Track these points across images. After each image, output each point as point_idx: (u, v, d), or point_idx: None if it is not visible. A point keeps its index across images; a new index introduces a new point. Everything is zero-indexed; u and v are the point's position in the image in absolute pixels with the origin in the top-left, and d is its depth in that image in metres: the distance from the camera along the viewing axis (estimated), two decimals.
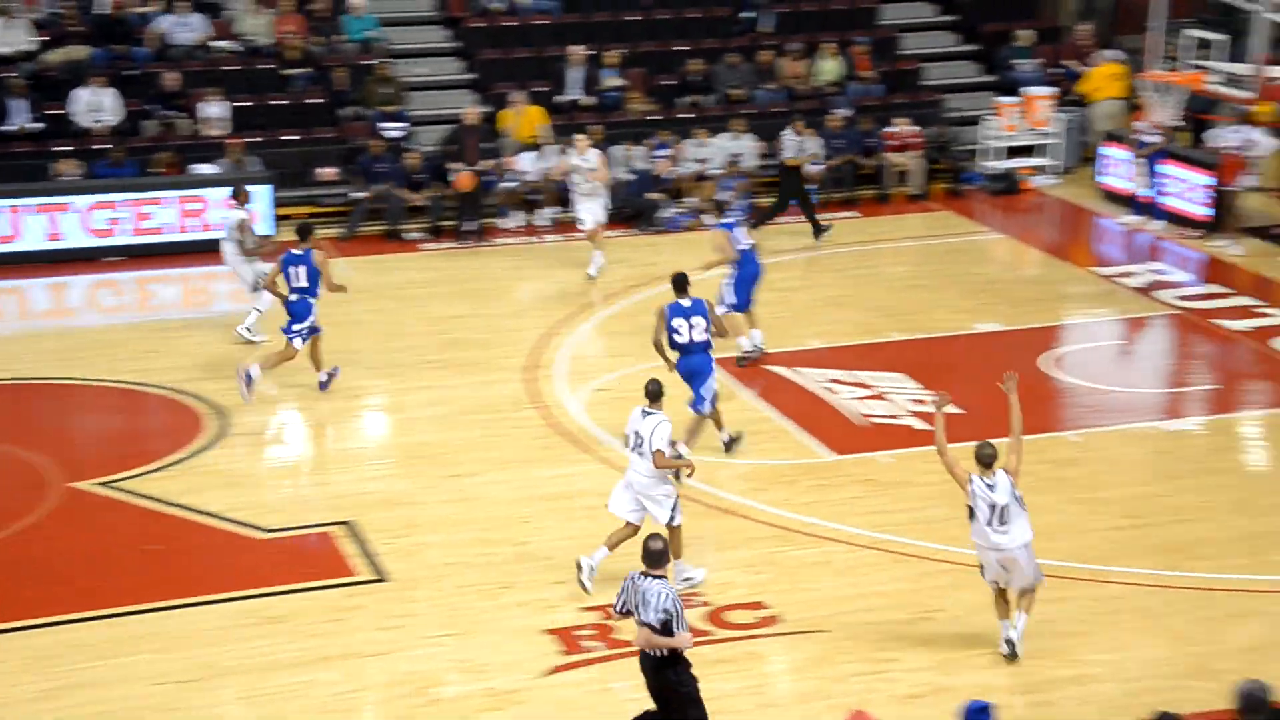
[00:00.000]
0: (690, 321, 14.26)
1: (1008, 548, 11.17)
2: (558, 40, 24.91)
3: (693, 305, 14.31)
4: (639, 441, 12.20)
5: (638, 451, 12.23)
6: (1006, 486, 11.11)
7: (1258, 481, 14.47)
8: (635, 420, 12.30)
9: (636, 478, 12.30)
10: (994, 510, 11.11)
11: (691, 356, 14.36)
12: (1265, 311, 18.55)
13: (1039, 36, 26.10)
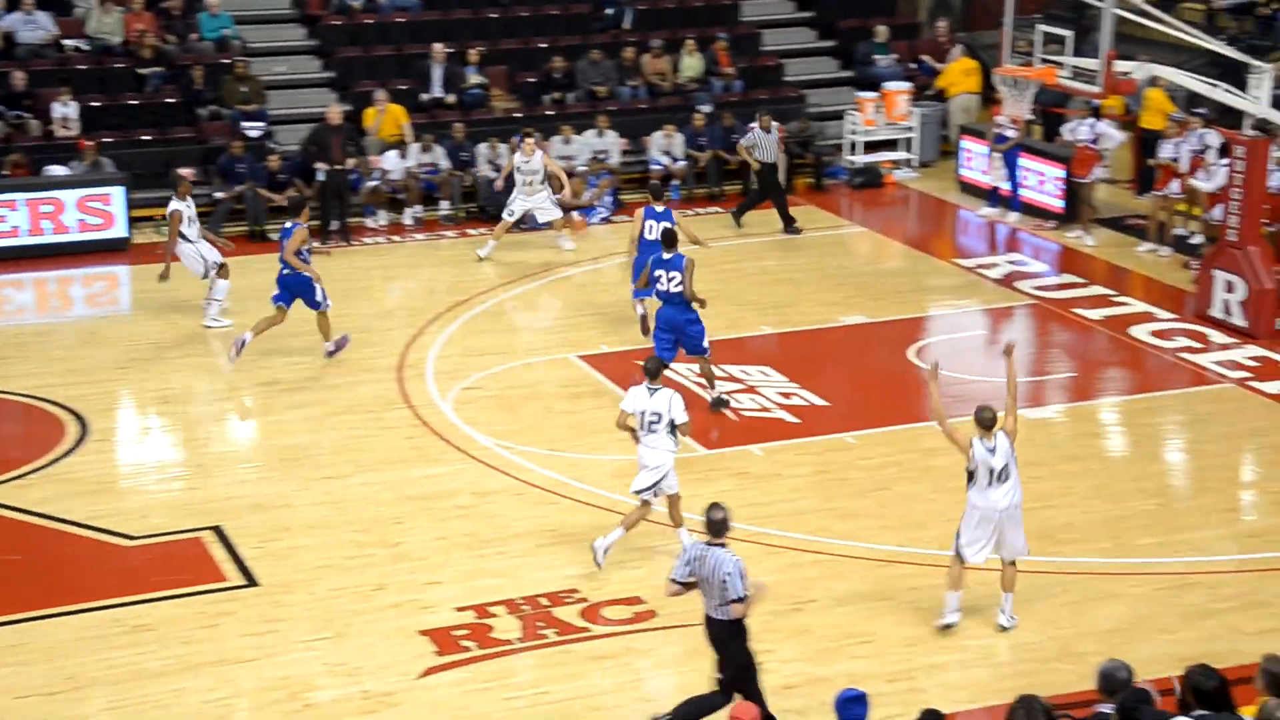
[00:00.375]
0: (669, 273, 15.37)
1: (1005, 507, 11.59)
2: (418, 38, 24.74)
3: (673, 259, 15.48)
4: (655, 417, 12.49)
5: (651, 429, 12.51)
6: (1006, 448, 11.55)
7: (1117, 467, 14.82)
8: (641, 399, 12.58)
9: (652, 454, 12.57)
10: (993, 473, 11.51)
11: (668, 306, 15.46)
12: (1119, 301, 19.01)
13: (895, 33, 26.50)
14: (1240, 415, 15.78)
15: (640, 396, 12.61)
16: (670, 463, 12.65)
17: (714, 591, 10.18)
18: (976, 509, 11.65)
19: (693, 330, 15.48)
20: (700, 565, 10.20)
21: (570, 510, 13.80)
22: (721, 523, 10.30)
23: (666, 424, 12.49)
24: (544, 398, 16.39)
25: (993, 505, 11.58)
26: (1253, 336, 17.55)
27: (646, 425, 12.57)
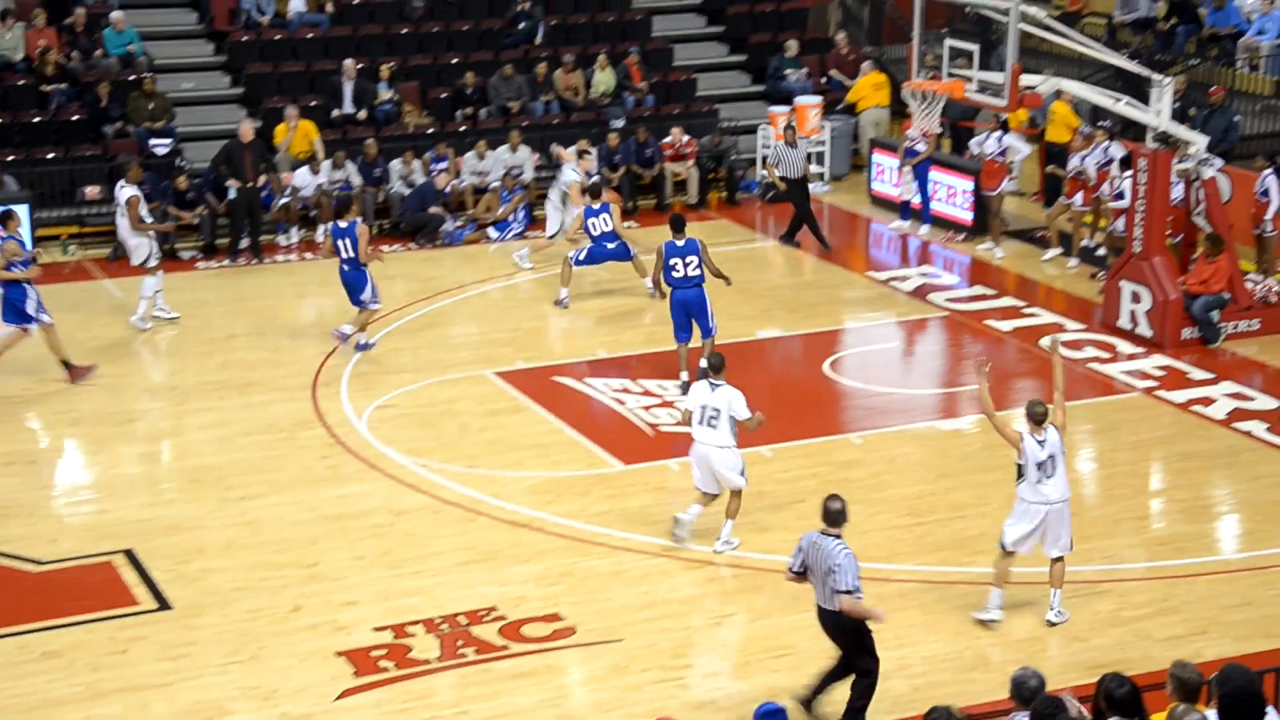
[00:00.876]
0: (685, 259, 16.16)
1: (1055, 500, 11.81)
2: (328, 54, 24.59)
3: (686, 244, 16.22)
4: (715, 414, 12.82)
5: (710, 424, 12.85)
6: (1056, 440, 11.79)
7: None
8: (704, 394, 12.94)
9: (708, 450, 12.90)
10: (1041, 467, 11.74)
11: (687, 290, 16.22)
12: (1029, 312, 19.24)
13: (806, 47, 26.70)
14: (1148, 424, 16.01)
15: (702, 391, 13.00)
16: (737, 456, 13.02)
17: (821, 581, 10.41)
18: (1026, 503, 11.93)
19: (703, 311, 16.36)
20: (812, 554, 10.45)
21: (488, 528, 13.74)
22: (839, 513, 10.53)
23: (727, 419, 12.82)
24: (461, 414, 16.32)
25: (1044, 498, 11.85)
26: (1159, 346, 17.82)
27: (706, 420, 12.92)
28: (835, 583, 10.32)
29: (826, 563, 10.34)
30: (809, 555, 10.51)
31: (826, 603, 10.48)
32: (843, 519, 10.56)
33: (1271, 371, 17.21)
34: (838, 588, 10.33)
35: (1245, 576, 12.83)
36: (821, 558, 10.39)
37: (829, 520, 10.55)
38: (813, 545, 10.50)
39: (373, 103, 23.86)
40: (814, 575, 10.49)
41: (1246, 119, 22.74)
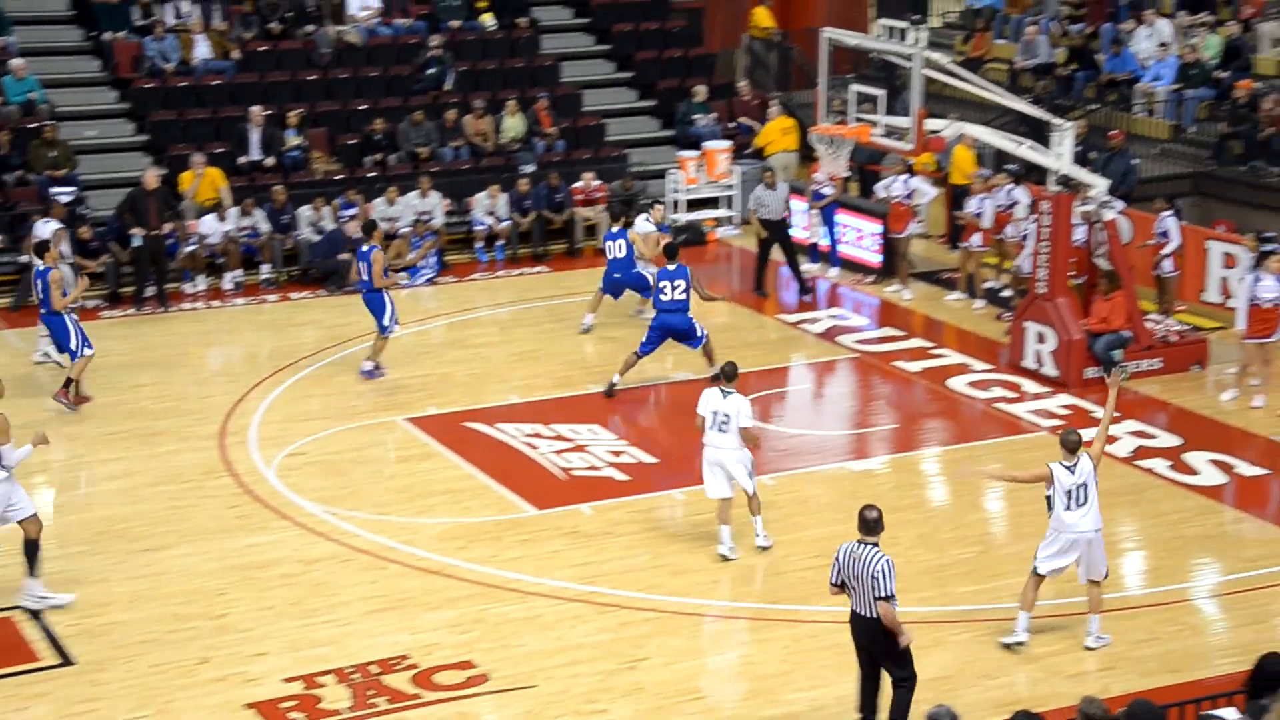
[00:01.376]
0: (674, 283, 17.56)
1: (1087, 530, 12.00)
2: (234, 101, 24.45)
3: (677, 269, 17.64)
4: (725, 419, 13.55)
5: (721, 429, 13.57)
6: (1088, 469, 12.01)
7: (939, 516, 15.10)
8: (715, 401, 13.66)
9: (720, 454, 13.63)
10: (1070, 495, 11.95)
11: (672, 314, 17.59)
12: (937, 353, 19.45)
13: (714, 92, 26.92)
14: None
15: (714, 398, 13.66)
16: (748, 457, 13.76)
17: (863, 589, 10.61)
18: (1058, 532, 12.13)
19: (694, 333, 17.78)
20: (850, 564, 10.66)
21: (399, 575, 13.63)
22: (875, 521, 10.76)
23: (735, 426, 13.59)
24: (372, 461, 16.20)
25: (1073, 527, 12.02)
26: (1064, 385, 18.07)
27: (717, 425, 13.62)
28: (877, 589, 10.56)
29: (869, 570, 10.59)
30: (845, 566, 10.75)
31: (866, 610, 10.68)
32: (879, 527, 10.79)
33: (1173, 410, 17.50)
34: (878, 594, 10.56)
35: (1150, 612, 13.00)
36: (861, 567, 10.63)
37: (865, 529, 10.78)
38: (849, 555, 10.74)
39: (281, 149, 23.74)
40: (854, 584, 10.71)
41: (1145, 162, 23.20)
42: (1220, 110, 23.82)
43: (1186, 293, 20.38)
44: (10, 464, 12.91)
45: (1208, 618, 13.05)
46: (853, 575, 10.72)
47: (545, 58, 27.06)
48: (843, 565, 10.79)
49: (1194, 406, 17.57)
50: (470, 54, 26.52)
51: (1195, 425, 17.04)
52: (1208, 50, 24.90)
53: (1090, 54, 26.13)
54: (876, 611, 10.61)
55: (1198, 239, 20.41)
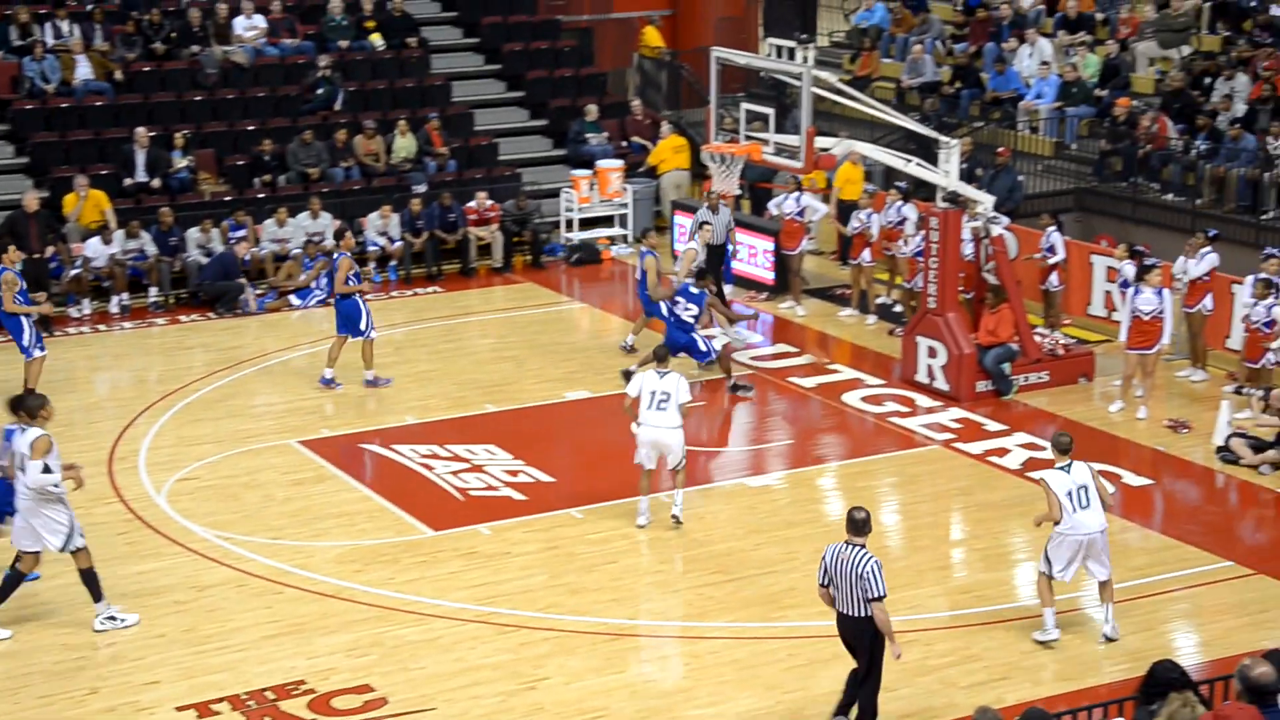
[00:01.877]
0: (687, 304, 18.18)
1: (1094, 529, 12.20)
2: (118, 122, 24.06)
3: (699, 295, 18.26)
4: (665, 397, 14.42)
5: (660, 408, 14.42)
6: (1084, 470, 12.28)
7: (836, 530, 15.08)
8: (652, 381, 14.51)
9: (658, 432, 14.48)
10: (1072, 496, 12.17)
11: (678, 331, 18.17)
12: (831, 369, 19.62)
13: (605, 111, 26.98)
14: (947, 475, 16.41)
15: (651, 379, 14.52)
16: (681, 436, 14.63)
17: (850, 589, 10.79)
18: (1062, 535, 12.31)
19: (697, 348, 18.19)
20: (836, 564, 10.84)
21: (295, 599, 13.47)
22: (864, 522, 10.93)
23: (675, 403, 14.41)
24: (265, 485, 16.00)
25: (1083, 526, 12.24)
26: (955, 400, 18.30)
27: (655, 404, 14.42)
28: (867, 591, 10.69)
29: (857, 569, 10.76)
30: (833, 566, 10.90)
31: (854, 610, 10.83)
32: (868, 528, 10.96)
33: (1061, 422, 17.77)
34: (869, 595, 10.70)
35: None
36: (849, 567, 10.78)
37: (854, 529, 10.93)
38: (836, 556, 10.89)
39: (167, 171, 23.41)
40: (840, 584, 10.86)
41: (1030, 179, 23.62)
42: (1101, 128, 24.32)
43: (1072, 306, 20.76)
44: (30, 484, 12.57)
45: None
46: (840, 575, 10.85)
47: (436, 77, 26.96)
48: (830, 566, 10.92)
49: (1081, 418, 17.87)
50: (359, 74, 26.36)
51: (1083, 437, 17.28)
52: (1087, 69, 25.42)
53: (975, 73, 26.56)
54: (867, 611, 10.79)
55: (1082, 254, 20.80)
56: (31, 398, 13.11)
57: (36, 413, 12.75)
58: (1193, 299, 18.81)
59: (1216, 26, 25.92)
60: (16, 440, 12.70)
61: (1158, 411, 17.87)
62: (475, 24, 28.54)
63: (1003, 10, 27.71)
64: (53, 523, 12.71)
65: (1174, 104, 23.50)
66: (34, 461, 12.50)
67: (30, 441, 12.55)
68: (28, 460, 12.55)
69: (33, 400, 12.98)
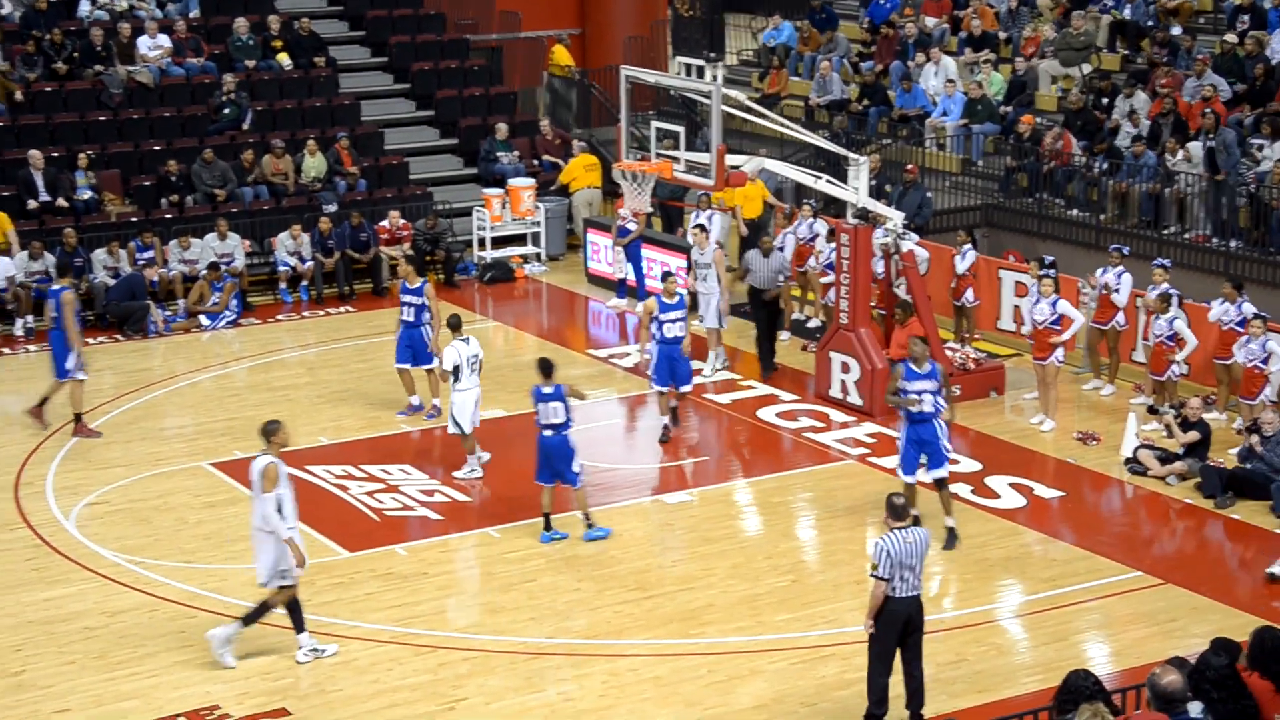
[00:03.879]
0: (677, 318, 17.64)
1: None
2: (20, 143, 23.70)
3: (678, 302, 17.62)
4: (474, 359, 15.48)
5: (472, 369, 15.54)
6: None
7: (753, 546, 15.25)
8: (462, 348, 15.55)
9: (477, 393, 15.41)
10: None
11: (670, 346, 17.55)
12: (746, 385, 19.69)
13: (516, 130, 26.97)
14: (862, 489, 16.51)
15: (461, 348, 15.77)
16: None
17: (916, 568, 11.26)
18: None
19: (684, 368, 17.69)
20: (906, 551, 11.17)
21: (208, 623, 13.26)
22: (903, 507, 11.43)
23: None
24: (177, 508, 15.79)
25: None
26: (869, 414, 18.44)
27: (472, 368, 15.69)
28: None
29: (921, 548, 11.31)
30: (902, 553, 11.19)
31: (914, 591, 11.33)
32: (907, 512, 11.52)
33: (973, 435, 17.97)
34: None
35: (957, 634, 13.30)
36: (917, 549, 11.26)
37: (896, 515, 11.34)
38: (903, 542, 11.16)
39: (70, 192, 23.06)
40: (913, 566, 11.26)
41: (938, 195, 23.89)
42: (1006, 145, 24.66)
43: (981, 320, 21.01)
44: (266, 522, 12.44)
45: (1013, 638, 13.41)
46: (911, 557, 11.25)
47: (344, 97, 26.81)
48: (896, 555, 11.19)
49: (993, 431, 18.08)
50: (267, 94, 26.15)
51: (995, 450, 17.54)
52: (992, 87, 25.77)
53: (882, 90, 26.85)
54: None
55: (990, 269, 21.06)
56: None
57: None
58: (1104, 315, 19.04)
59: (1116, 45, 26.40)
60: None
61: (1067, 424, 18.12)
62: (383, 43, 28.44)
63: (908, 29, 28.05)
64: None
65: (1076, 121, 23.88)
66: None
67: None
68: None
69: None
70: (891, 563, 11.19)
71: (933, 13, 28.81)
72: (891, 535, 11.25)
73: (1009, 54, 27.20)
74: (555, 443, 14.90)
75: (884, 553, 11.19)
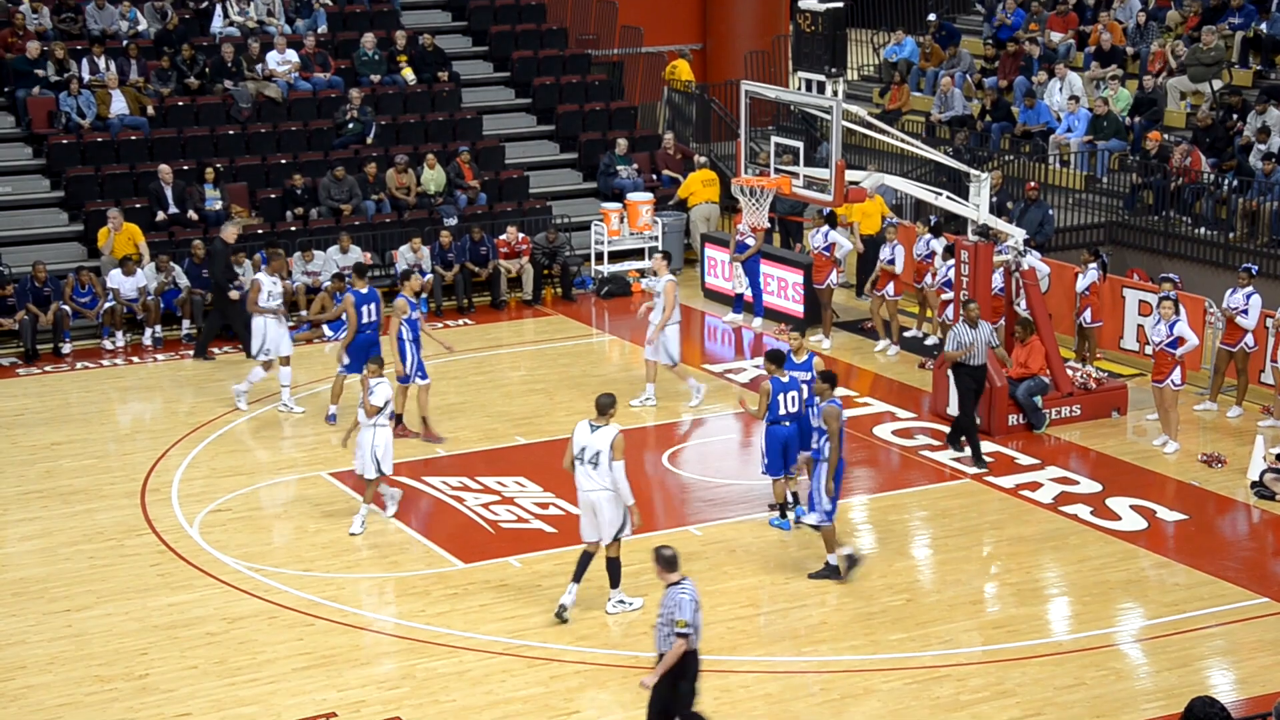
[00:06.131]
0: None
1: None
2: (152, 156, 24.28)
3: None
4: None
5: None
6: None
7: (867, 564, 15.12)
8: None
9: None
10: None
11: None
12: (862, 401, 19.57)
13: (635, 144, 27.07)
14: (978, 509, 16.33)
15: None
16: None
17: None
18: None
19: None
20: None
21: (326, 631, 13.47)
22: (673, 558, 10.77)
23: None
24: (296, 517, 16.04)
25: None
26: (987, 433, 18.23)
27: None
28: None
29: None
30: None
31: None
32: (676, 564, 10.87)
33: (1094, 456, 17.69)
34: None
35: (1076, 657, 13.09)
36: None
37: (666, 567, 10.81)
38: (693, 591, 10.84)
39: (198, 204, 23.56)
40: None
41: (1060, 212, 23.57)
42: (1132, 161, 24.26)
43: (1104, 340, 20.67)
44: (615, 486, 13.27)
45: (1133, 663, 13.17)
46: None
47: (467, 111, 27.10)
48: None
49: (1114, 452, 17.78)
50: (391, 108, 26.52)
51: (1116, 471, 17.25)
52: (1119, 103, 25.38)
53: (1005, 106, 26.56)
54: None
55: (1114, 287, 20.72)
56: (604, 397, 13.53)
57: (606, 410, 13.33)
58: (1232, 336, 18.65)
59: (1249, 60, 25.87)
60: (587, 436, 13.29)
61: (1191, 446, 17.77)
62: (506, 58, 28.72)
63: (1032, 45, 27.73)
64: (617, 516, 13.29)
65: (1205, 138, 23.44)
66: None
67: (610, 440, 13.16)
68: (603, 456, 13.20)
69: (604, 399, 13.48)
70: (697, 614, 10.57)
71: (1058, 28, 28.45)
72: (686, 584, 10.66)
73: (1136, 70, 26.78)
74: (790, 433, 15.13)
75: (692, 604, 10.54)
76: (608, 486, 13.28)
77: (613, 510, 13.35)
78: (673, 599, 10.60)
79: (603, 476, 13.26)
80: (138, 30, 26.46)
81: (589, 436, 13.33)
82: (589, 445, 13.31)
